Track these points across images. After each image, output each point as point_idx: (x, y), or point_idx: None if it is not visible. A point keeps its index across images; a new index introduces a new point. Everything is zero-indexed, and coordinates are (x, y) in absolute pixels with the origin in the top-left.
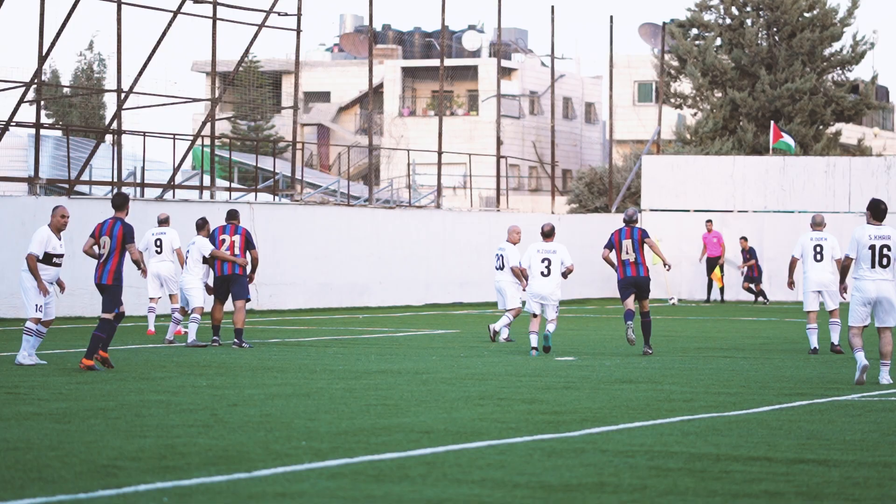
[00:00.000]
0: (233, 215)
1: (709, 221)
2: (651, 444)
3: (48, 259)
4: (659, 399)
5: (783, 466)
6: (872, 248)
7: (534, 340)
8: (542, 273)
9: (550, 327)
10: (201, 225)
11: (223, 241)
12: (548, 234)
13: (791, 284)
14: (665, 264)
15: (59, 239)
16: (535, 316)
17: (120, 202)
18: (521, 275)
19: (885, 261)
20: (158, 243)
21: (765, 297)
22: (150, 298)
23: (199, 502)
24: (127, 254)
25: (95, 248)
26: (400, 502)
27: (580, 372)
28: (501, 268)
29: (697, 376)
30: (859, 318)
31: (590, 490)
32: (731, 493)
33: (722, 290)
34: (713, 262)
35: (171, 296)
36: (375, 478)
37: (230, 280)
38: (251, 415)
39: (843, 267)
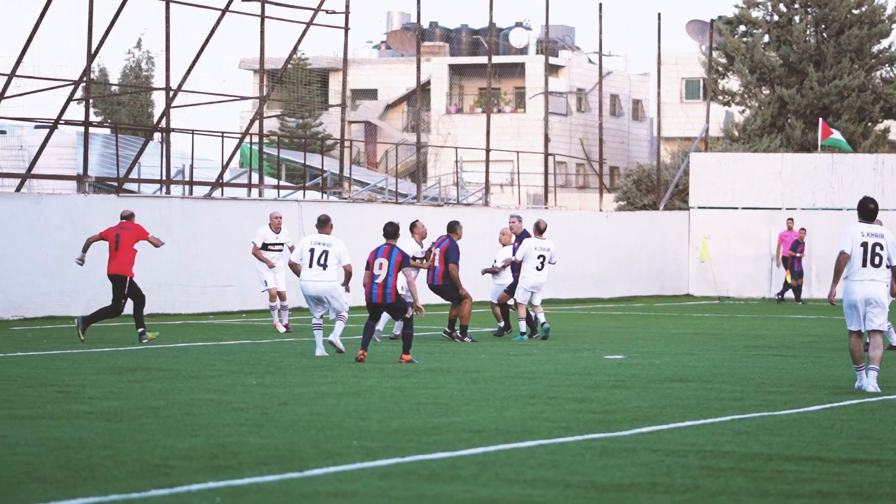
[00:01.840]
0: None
1: (790, 220)
2: (702, 444)
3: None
4: (709, 398)
5: (835, 466)
6: (865, 245)
7: (523, 326)
8: (536, 268)
9: (541, 316)
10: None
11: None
12: (543, 230)
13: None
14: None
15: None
16: (520, 305)
17: (392, 231)
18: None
19: (876, 259)
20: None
21: (798, 295)
22: (279, 294)
23: (251, 502)
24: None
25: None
26: (451, 502)
27: (630, 370)
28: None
29: (748, 375)
30: (851, 323)
31: (642, 490)
32: (784, 493)
33: (797, 289)
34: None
35: (279, 293)
36: (427, 477)
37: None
38: (302, 414)
39: (838, 263)
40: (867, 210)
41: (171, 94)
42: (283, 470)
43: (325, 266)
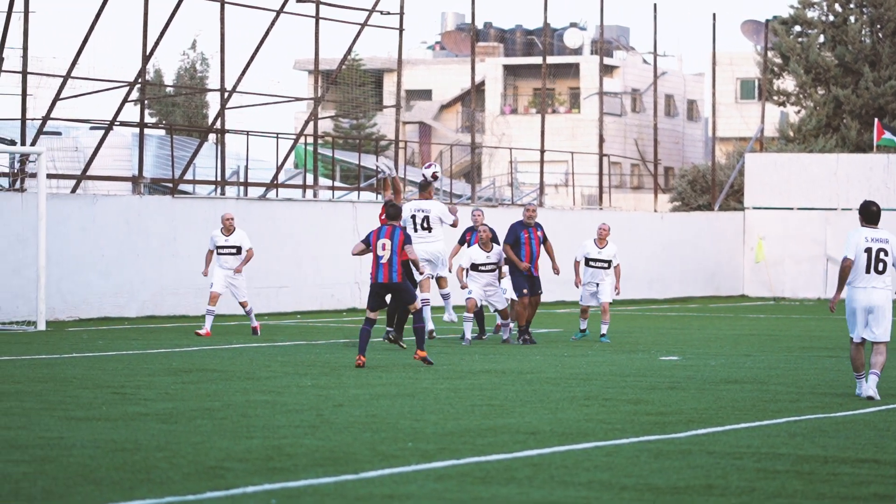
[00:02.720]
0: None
1: None
2: (758, 446)
3: None
4: (765, 399)
5: (892, 469)
6: (868, 251)
7: (583, 324)
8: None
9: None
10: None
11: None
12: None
13: None
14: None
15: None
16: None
17: (394, 213)
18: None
19: (880, 266)
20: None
21: None
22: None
23: None
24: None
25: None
26: None
27: (685, 372)
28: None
29: (803, 376)
30: (854, 331)
31: (697, 493)
32: (840, 495)
33: None
34: None
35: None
36: (482, 479)
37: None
38: (357, 415)
39: (842, 270)
40: (870, 213)
41: (226, 95)
42: (339, 472)
43: (429, 229)
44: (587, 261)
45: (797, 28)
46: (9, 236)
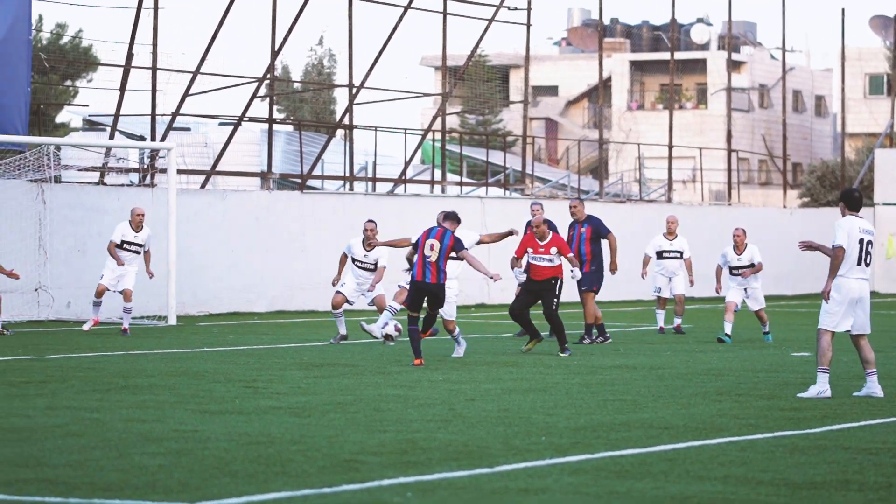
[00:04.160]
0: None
1: None
2: (894, 442)
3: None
4: None
5: None
6: (861, 242)
7: (728, 328)
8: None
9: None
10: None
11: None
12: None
13: None
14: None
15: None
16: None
17: (453, 216)
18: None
19: (868, 259)
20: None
21: None
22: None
23: (442, 497)
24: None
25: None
26: (643, 499)
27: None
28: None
29: None
30: (835, 322)
31: (834, 488)
32: None
33: None
34: None
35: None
36: (617, 474)
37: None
38: (489, 409)
39: (836, 258)
40: (854, 200)
41: (354, 90)
42: (473, 466)
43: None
44: (659, 254)
45: None
46: None
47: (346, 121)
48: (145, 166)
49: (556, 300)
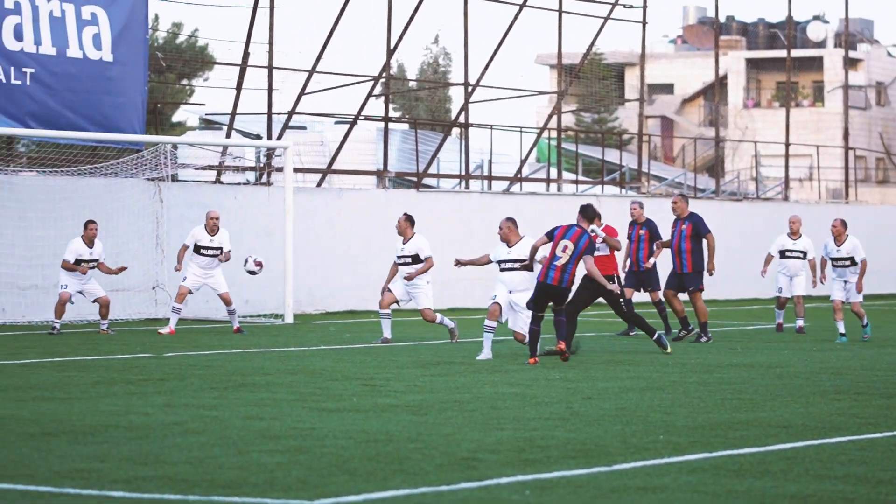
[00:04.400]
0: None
1: None
2: None
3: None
4: None
5: None
6: None
7: (841, 327)
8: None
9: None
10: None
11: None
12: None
13: None
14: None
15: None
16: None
17: (592, 213)
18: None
19: None
20: None
21: None
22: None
23: (560, 496)
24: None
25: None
26: (763, 498)
27: None
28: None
29: None
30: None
31: None
32: None
33: None
34: None
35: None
36: (736, 473)
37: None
38: (606, 408)
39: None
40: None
41: (470, 89)
42: (591, 464)
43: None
44: (782, 253)
45: None
46: (255, 230)
47: (461, 119)
48: (262, 165)
49: (621, 300)
